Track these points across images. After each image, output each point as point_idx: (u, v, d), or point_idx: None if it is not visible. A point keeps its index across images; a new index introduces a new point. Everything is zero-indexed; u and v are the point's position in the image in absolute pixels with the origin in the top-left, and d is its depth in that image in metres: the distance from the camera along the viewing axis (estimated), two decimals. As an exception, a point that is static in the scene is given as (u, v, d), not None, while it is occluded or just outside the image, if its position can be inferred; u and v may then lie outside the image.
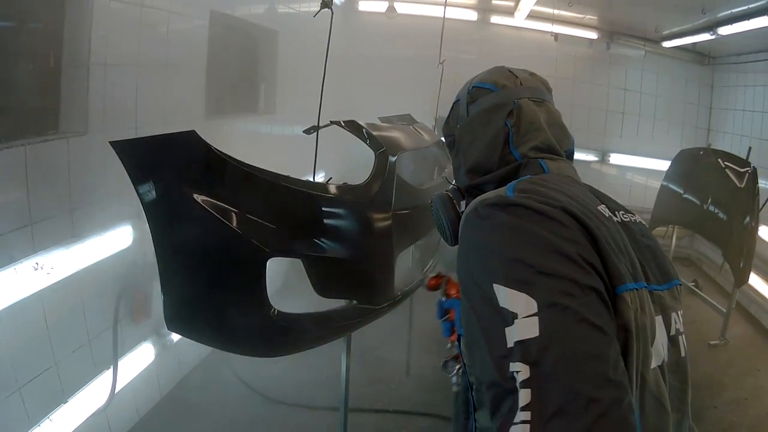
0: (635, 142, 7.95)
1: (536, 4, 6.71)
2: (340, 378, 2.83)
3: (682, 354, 1.14)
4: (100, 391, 3.30)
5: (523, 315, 0.86)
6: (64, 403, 3.02)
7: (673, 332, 1.12)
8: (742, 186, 5.24)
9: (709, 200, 5.74)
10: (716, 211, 5.62)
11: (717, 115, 7.75)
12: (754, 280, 5.73)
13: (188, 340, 2.28)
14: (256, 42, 5.64)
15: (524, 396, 0.81)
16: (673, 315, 1.13)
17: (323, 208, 2.32)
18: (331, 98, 2.77)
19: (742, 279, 5.15)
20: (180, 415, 3.87)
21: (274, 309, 2.13)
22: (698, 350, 5.26)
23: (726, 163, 5.64)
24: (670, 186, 6.45)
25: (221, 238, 2.00)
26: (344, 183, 2.52)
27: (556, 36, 7.60)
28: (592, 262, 0.95)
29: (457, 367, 1.63)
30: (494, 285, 0.91)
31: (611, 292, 0.96)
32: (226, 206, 1.98)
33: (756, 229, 5.07)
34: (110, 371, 3.35)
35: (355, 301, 2.55)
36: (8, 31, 2.81)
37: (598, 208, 1.13)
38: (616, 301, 0.96)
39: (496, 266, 0.94)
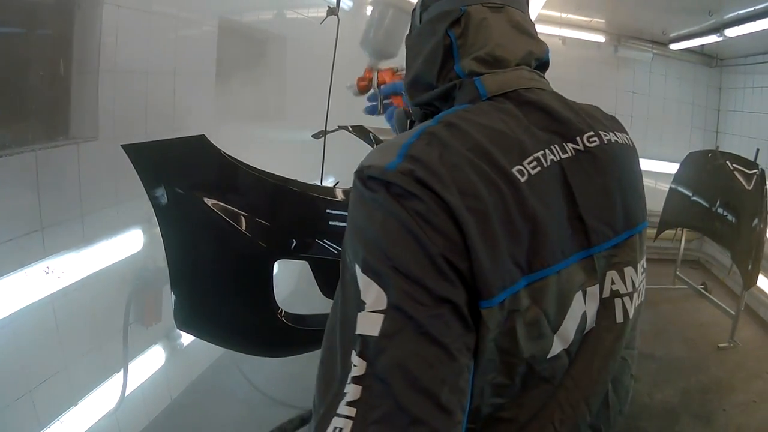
0: (644, 144, 7.86)
1: (544, 7, 6.71)
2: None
3: (618, 319, 1.03)
4: (110, 394, 3.32)
5: (370, 308, 0.79)
6: (75, 406, 3.04)
7: (607, 294, 1.01)
8: (751, 188, 5.24)
9: (718, 203, 5.72)
10: (725, 213, 5.61)
11: (725, 117, 7.72)
12: (763, 282, 5.70)
13: (198, 343, 2.30)
14: (265, 48, 5.66)
15: (353, 391, 0.76)
16: (610, 275, 1.01)
17: (331, 211, 2.34)
18: (340, 103, 2.79)
19: (750, 281, 5.13)
20: (190, 418, 3.88)
21: (282, 309, 2.14)
22: (707, 353, 5.26)
23: (734, 165, 5.64)
24: (679, 188, 6.43)
25: (230, 241, 2.02)
26: (351, 187, 2.53)
27: (564, 39, 7.60)
28: (457, 265, 0.82)
29: None
30: (355, 264, 0.84)
31: (475, 305, 0.84)
32: (235, 209, 2.00)
33: (765, 232, 5.04)
34: (120, 374, 3.37)
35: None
36: (19, 39, 2.84)
37: (535, 155, 0.95)
38: (481, 315, 0.84)
39: (359, 246, 0.85)
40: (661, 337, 5.39)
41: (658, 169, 7.48)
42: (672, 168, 6.72)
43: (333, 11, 2.66)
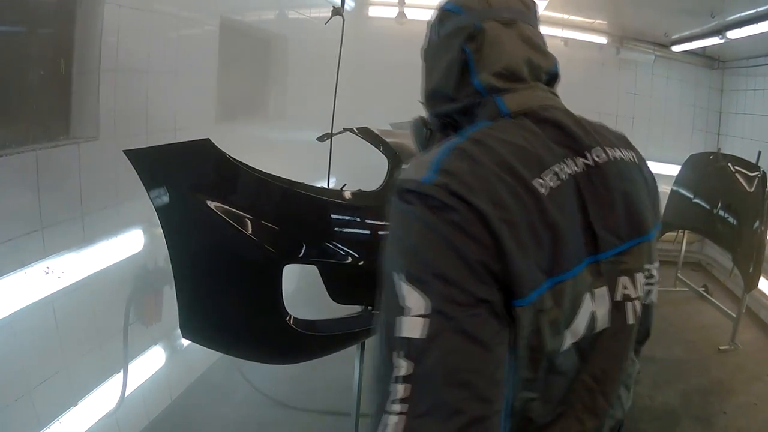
0: (645, 146, 7.64)
1: (546, 9, 6.70)
2: (353, 384, 2.82)
3: (630, 321, 1.12)
4: (110, 394, 3.32)
5: (413, 313, 0.86)
6: (74, 406, 3.03)
7: (619, 298, 1.10)
8: (752, 190, 5.23)
9: (719, 205, 5.71)
10: (726, 215, 5.60)
11: (727, 119, 7.70)
12: (764, 284, 5.70)
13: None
14: (267, 47, 5.65)
15: (402, 390, 0.84)
16: (622, 280, 1.10)
17: (338, 215, 2.32)
18: (344, 104, 2.77)
19: (751, 284, 5.13)
20: (190, 418, 3.88)
21: (290, 316, 2.13)
22: (708, 355, 5.26)
23: (736, 167, 5.63)
24: (680, 191, 6.42)
25: (236, 246, 2.00)
26: (358, 189, 2.52)
27: (566, 41, 7.56)
28: (493, 269, 0.90)
29: None
30: (395, 273, 0.91)
31: (509, 303, 0.92)
32: (241, 213, 1.98)
33: (765, 234, 5.04)
34: (120, 374, 3.37)
35: (370, 308, 2.54)
36: (20, 38, 2.83)
37: (552, 168, 1.03)
38: (516, 314, 0.92)
39: (399, 256, 0.93)
40: (662, 339, 5.37)
41: (659, 171, 7.33)
42: (673, 170, 6.69)
43: (338, 11, 2.65)
